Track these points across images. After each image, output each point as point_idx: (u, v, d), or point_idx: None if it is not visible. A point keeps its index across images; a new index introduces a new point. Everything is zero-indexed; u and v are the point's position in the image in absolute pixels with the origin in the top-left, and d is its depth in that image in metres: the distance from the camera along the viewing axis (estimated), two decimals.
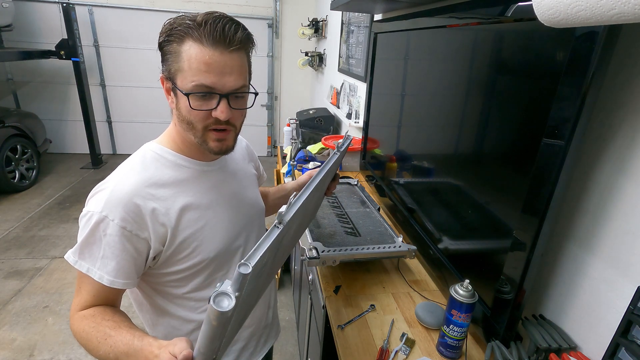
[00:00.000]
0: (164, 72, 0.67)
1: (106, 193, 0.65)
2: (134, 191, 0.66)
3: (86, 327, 0.65)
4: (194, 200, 0.73)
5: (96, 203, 0.65)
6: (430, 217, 1.21)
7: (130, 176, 0.68)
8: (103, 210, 0.64)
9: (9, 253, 2.81)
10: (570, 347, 0.77)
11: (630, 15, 0.38)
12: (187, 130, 0.69)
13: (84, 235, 0.65)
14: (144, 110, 5.05)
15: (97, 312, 0.67)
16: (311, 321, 1.41)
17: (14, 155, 3.72)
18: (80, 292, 0.68)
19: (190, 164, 0.74)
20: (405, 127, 1.46)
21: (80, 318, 0.66)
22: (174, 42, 0.63)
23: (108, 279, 0.66)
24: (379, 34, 1.71)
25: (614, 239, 0.70)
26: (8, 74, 4.64)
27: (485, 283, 0.88)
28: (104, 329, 0.64)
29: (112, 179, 0.68)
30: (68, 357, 1.95)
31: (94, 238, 0.65)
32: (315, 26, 4.02)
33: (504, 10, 0.80)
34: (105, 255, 0.65)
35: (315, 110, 3.05)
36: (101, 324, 0.64)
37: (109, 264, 0.65)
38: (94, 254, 0.65)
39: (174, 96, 0.68)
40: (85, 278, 0.67)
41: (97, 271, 0.65)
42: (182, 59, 0.62)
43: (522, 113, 0.78)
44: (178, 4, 4.67)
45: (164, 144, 0.74)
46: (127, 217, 0.65)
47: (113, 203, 0.64)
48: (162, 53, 0.65)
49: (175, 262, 0.72)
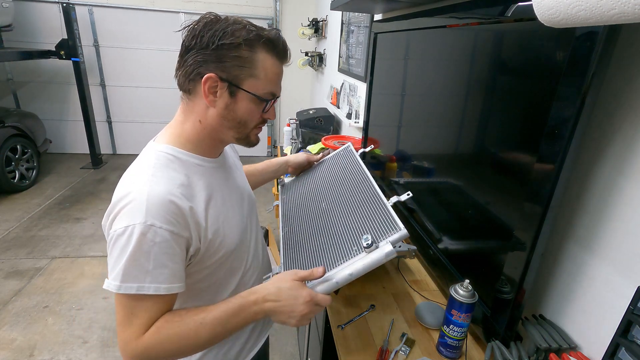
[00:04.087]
0: (218, 72, 0.66)
1: (141, 202, 0.62)
2: (169, 193, 0.64)
3: (166, 334, 0.64)
4: (211, 196, 0.73)
5: (133, 215, 0.61)
6: (430, 217, 1.21)
7: (158, 179, 0.66)
8: (147, 220, 0.61)
9: (9, 253, 2.81)
10: (570, 347, 0.77)
11: (630, 15, 0.38)
12: (231, 128, 0.72)
13: (129, 252, 0.61)
14: (143, 110, 5.06)
15: (166, 318, 0.66)
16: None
17: (14, 155, 3.73)
18: (135, 316, 0.63)
19: (203, 162, 0.75)
20: (405, 127, 1.47)
21: (150, 336, 0.63)
22: (243, 48, 0.66)
23: (165, 287, 0.64)
24: (379, 34, 1.71)
25: (614, 239, 0.70)
26: (8, 74, 4.64)
27: (485, 283, 0.88)
28: (191, 319, 0.65)
29: (137, 188, 0.64)
30: (68, 357, 1.95)
31: (142, 251, 0.62)
32: (315, 26, 4.02)
33: (504, 10, 0.80)
34: (157, 265, 0.63)
35: (315, 110, 3.05)
36: (183, 320, 0.65)
37: (162, 272, 0.63)
38: (142, 269, 0.62)
39: (228, 97, 0.69)
40: (137, 300, 0.63)
41: (150, 285, 0.63)
42: (257, 67, 0.68)
43: (522, 113, 0.78)
44: (178, 4, 4.68)
45: (173, 144, 0.72)
46: (171, 219, 0.63)
47: (154, 209, 0.62)
48: (218, 54, 0.65)
49: (204, 259, 0.73)
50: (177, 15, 4.73)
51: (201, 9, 4.73)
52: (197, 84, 0.68)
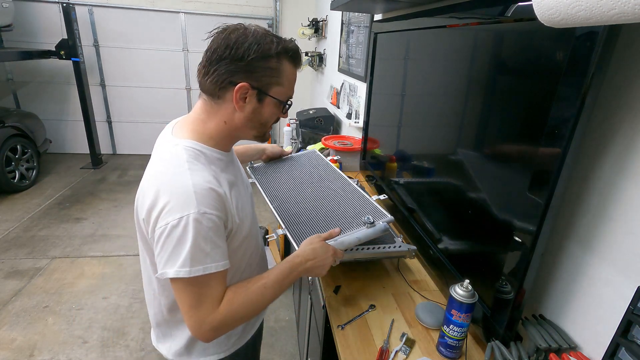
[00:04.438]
0: (250, 81, 0.73)
1: (189, 194, 0.69)
2: (208, 182, 0.72)
3: (238, 302, 0.75)
4: (232, 186, 0.82)
5: (185, 206, 0.68)
6: (430, 217, 1.21)
7: (195, 172, 0.72)
8: (199, 209, 0.68)
9: (9, 253, 2.81)
10: (570, 347, 0.77)
11: (630, 15, 0.38)
12: (253, 128, 0.81)
13: (190, 240, 0.68)
14: (143, 110, 5.06)
15: (232, 290, 0.77)
16: (311, 321, 1.41)
17: (14, 155, 3.73)
18: (205, 295, 0.72)
19: (222, 156, 0.83)
20: (405, 127, 1.47)
21: (225, 308, 0.74)
22: (272, 59, 0.74)
23: (222, 264, 0.73)
24: (379, 34, 1.71)
25: (614, 239, 0.70)
26: (8, 74, 4.64)
27: (485, 283, 0.89)
28: (255, 286, 0.79)
29: (180, 182, 0.70)
30: (68, 357, 1.95)
31: (200, 236, 0.69)
32: (315, 26, 4.02)
33: (504, 10, 0.80)
34: (213, 246, 0.71)
35: (315, 110, 3.05)
36: (248, 288, 0.78)
37: (218, 252, 0.72)
38: (203, 252, 0.70)
39: (256, 102, 0.77)
40: (203, 280, 0.71)
41: (211, 265, 0.71)
42: (282, 76, 0.76)
43: (522, 113, 0.78)
44: (178, 4, 4.68)
45: (197, 140, 0.78)
46: (216, 205, 0.72)
47: (202, 198, 0.69)
48: (251, 66, 0.72)
49: (232, 242, 0.81)
50: (177, 15, 4.73)
51: (201, 9, 4.73)
52: (227, 91, 0.74)
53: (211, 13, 4.76)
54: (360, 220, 1.02)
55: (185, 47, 4.86)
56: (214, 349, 0.92)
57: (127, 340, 2.07)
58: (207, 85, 0.75)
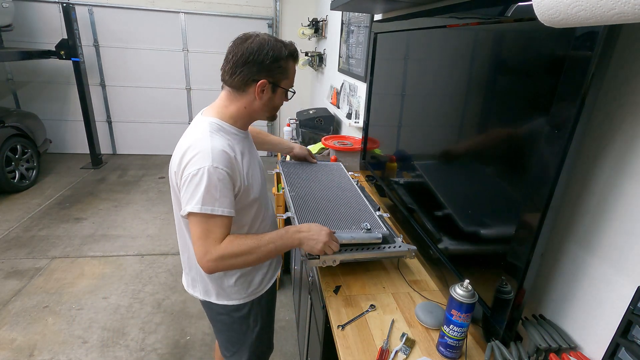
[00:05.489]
0: (268, 78, 0.97)
1: (207, 152, 0.91)
2: (225, 146, 0.95)
3: (237, 244, 0.94)
4: (244, 154, 1.03)
5: (202, 160, 0.90)
6: (430, 217, 1.21)
7: (214, 138, 0.95)
8: (214, 163, 0.91)
9: (9, 253, 2.81)
10: (570, 347, 0.77)
11: (630, 15, 0.38)
12: (267, 111, 1.05)
13: (204, 186, 0.89)
14: (143, 110, 5.05)
15: (234, 235, 0.96)
16: (311, 321, 1.41)
17: (14, 155, 3.73)
18: (211, 231, 0.92)
19: (238, 132, 1.05)
20: (405, 127, 1.47)
21: (226, 245, 0.93)
22: (282, 60, 0.98)
23: (228, 211, 0.93)
24: (379, 34, 1.71)
25: (614, 239, 0.70)
26: (8, 74, 4.64)
27: (485, 283, 0.89)
28: (252, 238, 0.97)
29: (202, 144, 0.93)
30: (68, 357, 1.95)
31: (212, 185, 0.90)
32: (315, 26, 4.02)
33: (504, 10, 0.80)
34: (222, 195, 0.92)
35: (315, 110, 3.05)
36: (247, 238, 0.97)
37: (225, 200, 0.92)
38: (213, 197, 0.90)
39: (271, 93, 1.01)
40: (211, 218, 0.91)
41: (218, 208, 0.91)
42: (289, 72, 1.01)
43: (522, 113, 0.78)
44: (178, 4, 4.67)
45: (220, 118, 1.01)
46: (228, 164, 0.94)
47: (216, 156, 0.91)
48: (269, 67, 0.96)
49: (241, 200, 1.01)
50: (177, 15, 4.72)
51: (201, 9, 4.73)
52: (250, 86, 0.98)
53: (211, 13, 4.76)
54: (359, 226, 1.18)
55: (185, 47, 4.86)
56: (235, 295, 1.14)
57: (127, 340, 2.07)
58: (235, 83, 0.98)
